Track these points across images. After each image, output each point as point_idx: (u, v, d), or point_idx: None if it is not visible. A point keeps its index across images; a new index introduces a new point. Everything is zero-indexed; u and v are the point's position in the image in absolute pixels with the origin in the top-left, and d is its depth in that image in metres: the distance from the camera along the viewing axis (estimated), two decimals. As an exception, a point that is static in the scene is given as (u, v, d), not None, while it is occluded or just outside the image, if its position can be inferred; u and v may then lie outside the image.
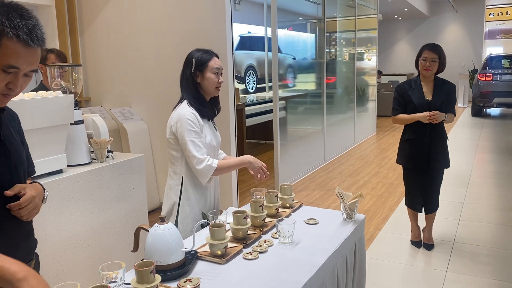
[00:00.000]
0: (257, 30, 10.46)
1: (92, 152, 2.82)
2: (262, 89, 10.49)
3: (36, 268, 1.47)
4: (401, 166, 3.66)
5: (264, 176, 2.20)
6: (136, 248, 1.70)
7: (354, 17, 8.20)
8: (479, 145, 7.85)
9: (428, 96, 3.40)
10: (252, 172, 2.21)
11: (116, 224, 2.83)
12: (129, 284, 1.42)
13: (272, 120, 6.40)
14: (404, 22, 16.66)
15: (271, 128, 5.25)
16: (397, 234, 3.88)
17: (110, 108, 4.45)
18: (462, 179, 5.59)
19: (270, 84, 10.41)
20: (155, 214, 4.32)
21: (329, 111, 6.94)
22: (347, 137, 7.98)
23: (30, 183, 1.41)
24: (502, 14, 19.53)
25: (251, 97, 9.11)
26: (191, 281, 1.38)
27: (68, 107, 2.46)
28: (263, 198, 2.27)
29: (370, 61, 9.63)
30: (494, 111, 12.49)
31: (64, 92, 2.67)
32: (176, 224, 2.15)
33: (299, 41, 6.92)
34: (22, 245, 1.35)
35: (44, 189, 1.43)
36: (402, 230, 3.93)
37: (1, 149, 1.26)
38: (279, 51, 10.98)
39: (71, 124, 2.58)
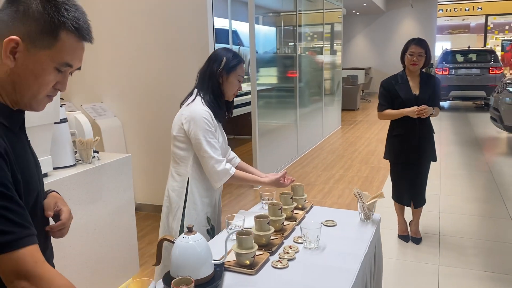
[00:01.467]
0: (220, 23, 10.25)
1: (76, 153, 2.59)
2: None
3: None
4: (372, 160, 3.68)
5: (289, 181, 2.15)
6: (159, 261, 1.53)
7: (322, 11, 8.19)
8: (441, 138, 8.09)
9: (415, 91, 3.40)
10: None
11: (104, 227, 2.63)
12: (163, 304, 1.27)
13: (242, 115, 6.29)
14: (362, 16, 16.95)
15: (241, 123, 5.11)
16: (383, 229, 3.86)
17: (81, 104, 4.16)
18: (434, 171, 5.69)
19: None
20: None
21: (300, 105, 6.90)
22: (317, 131, 7.99)
23: (47, 191, 1.24)
24: (450, 11, 20.36)
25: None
26: (245, 301, 1.24)
27: (54, 104, 2.23)
28: (272, 199, 2.16)
29: (336, 55, 9.70)
30: (450, 104, 12.96)
31: (47, 88, 2.43)
32: (181, 230, 2.00)
33: (269, 35, 6.81)
34: (50, 261, 1.18)
35: (60, 195, 1.27)
36: (387, 224, 3.93)
37: (31, 157, 1.09)
38: (242, 45, 10.82)
39: (55, 123, 2.35)
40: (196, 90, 2.04)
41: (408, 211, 3.70)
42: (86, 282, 2.53)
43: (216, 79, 2.00)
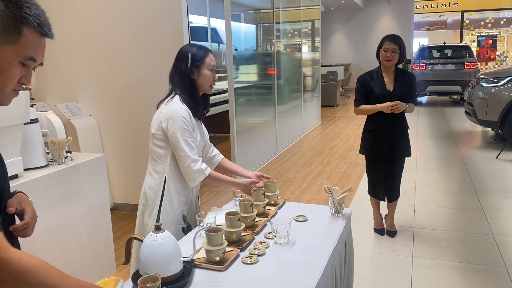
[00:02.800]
0: (198, 20, 10.20)
1: (48, 153, 2.57)
2: (206, 81, 10.27)
3: None
4: (350, 155, 3.74)
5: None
6: (128, 260, 1.54)
7: (300, 8, 8.23)
8: (418, 132, 8.24)
9: (390, 87, 3.46)
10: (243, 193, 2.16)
11: (78, 228, 2.62)
12: (131, 302, 1.27)
13: (220, 112, 6.28)
14: (340, 13, 17.08)
15: (220, 121, 5.12)
16: (360, 223, 3.94)
17: (55, 104, 4.11)
18: (410, 165, 5.81)
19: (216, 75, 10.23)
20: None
21: (279, 102, 6.93)
22: (296, 128, 8.04)
23: (13, 192, 1.24)
24: (427, 7, 20.67)
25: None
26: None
27: (24, 105, 2.21)
28: (244, 196, 2.18)
29: (315, 52, 9.76)
30: (427, 99, 13.17)
31: (16, 88, 2.40)
32: None
33: (247, 32, 6.82)
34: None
35: (26, 196, 1.28)
36: (363, 218, 4.00)
37: None
38: (222, 43, 10.78)
39: (25, 123, 2.33)
40: (173, 91, 2.04)
41: (384, 205, 3.76)
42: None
43: (187, 77, 2.00)
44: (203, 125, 2.20)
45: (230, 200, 2.34)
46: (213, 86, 2.08)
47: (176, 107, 1.96)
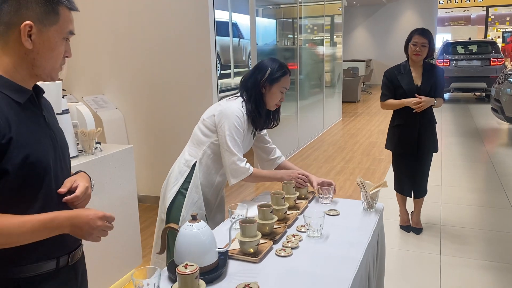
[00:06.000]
0: (220, 15, 10.21)
1: (78, 144, 2.59)
2: (227, 76, 10.29)
3: (82, 255, 1.46)
4: (373, 151, 3.68)
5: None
6: (163, 249, 1.54)
7: (323, 2, 8.15)
8: (442, 129, 8.09)
9: (417, 81, 3.39)
10: None
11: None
12: (168, 291, 1.27)
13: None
14: (362, 8, 16.87)
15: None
16: (386, 219, 3.87)
17: (82, 96, 4.16)
18: (435, 162, 5.68)
19: (236, 70, 10.23)
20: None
21: (301, 98, 6.89)
22: (318, 123, 7.99)
23: (75, 173, 1.33)
24: (451, 2, 20.26)
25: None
26: (251, 287, 1.25)
27: (56, 96, 2.23)
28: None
29: (337, 47, 9.66)
30: (450, 95, 12.94)
31: (49, 79, 2.43)
32: (174, 207, 2.03)
33: (268, 27, 6.78)
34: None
35: (89, 177, 1.36)
36: (389, 215, 3.94)
37: (47, 131, 1.20)
38: (242, 38, 10.76)
39: (57, 114, 2.35)
40: (240, 93, 2.08)
41: (410, 201, 3.71)
42: (88, 273, 2.54)
43: (258, 89, 2.04)
44: (254, 136, 2.22)
45: (252, 195, 2.35)
46: (278, 105, 2.13)
47: (234, 106, 2.01)
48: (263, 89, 2.04)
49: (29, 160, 1.10)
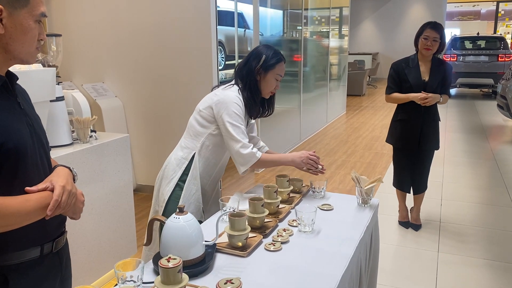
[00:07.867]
0: (225, 5, 10.11)
1: (73, 132, 2.57)
2: (231, 66, 10.22)
3: (66, 242, 1.39)
4: (376, 146, 3.63)
5: (320, 171, 2.11)
6: (149, 241, 1.51)
7: (329, -6, 8.06)
8: (447, 125, 8.01)
9: (425, 77, 3.31)
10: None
11: (101, 208, 2.62)
12: (151, 283, 1.25)
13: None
14: (370, 1, 16.68)
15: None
16: (384, 215, 3.85)
17: (82, 84, 4.13)
18: (437, 158, 5.64)
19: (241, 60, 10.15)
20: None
21: (304, 90, 6.83)
22: (321, 116, 7.93)
23: (54, 167, 1.28)
24: (460, -4, 19.99)
25: (219, 75, 8.83)
26: (232, 282, 1.22)
27: (50, 82, 2.20)
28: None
29: (343, 40, 9.56)
30: (456, 91, 12.81)
31: (43, 65, 2.39)
32: (171, 200, 2.01)
33: (274, 18, 6.70)
34: (56, 216, 1.20)
35: (69, 168, 1.29)
36: (388, 210, 3.90)
37: (23, 118, 1.18)
38: (248, 28, 10.67)
39: (51, 101, 2.32)
40: (235, 81, 2.04)
41: (410, 197, 3.66)
42: (83, 262, 2.53)
43: (253, 76, 2.01)
44: (253, 122, 2.19)
45: (251, 186, 2.31)
46: (273, 93, 2.09)
47: (232, 94, 1.97)
48: (258, 76, 2.01)
49: (5, 147, 1.07)
